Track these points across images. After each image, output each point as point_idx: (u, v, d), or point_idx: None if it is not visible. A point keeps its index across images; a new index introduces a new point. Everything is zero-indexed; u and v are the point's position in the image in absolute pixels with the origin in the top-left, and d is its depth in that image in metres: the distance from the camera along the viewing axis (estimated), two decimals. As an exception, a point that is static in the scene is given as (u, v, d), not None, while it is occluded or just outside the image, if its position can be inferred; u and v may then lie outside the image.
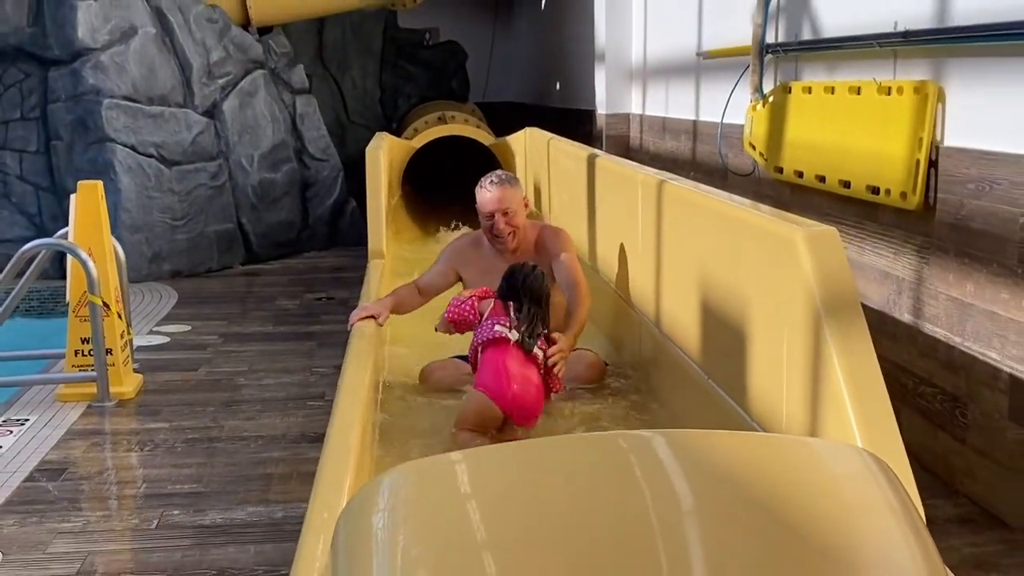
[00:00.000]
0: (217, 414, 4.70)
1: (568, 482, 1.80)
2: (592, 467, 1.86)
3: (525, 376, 3.53)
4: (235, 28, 8.59)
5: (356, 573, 1.65)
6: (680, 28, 7.02)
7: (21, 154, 8.00)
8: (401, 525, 1.77)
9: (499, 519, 1.73)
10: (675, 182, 3.65)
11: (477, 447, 2.55)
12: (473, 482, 1.88)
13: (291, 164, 8.94)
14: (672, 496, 1.78)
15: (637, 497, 1.75)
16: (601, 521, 1.69)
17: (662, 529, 1.68)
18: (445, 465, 1.95)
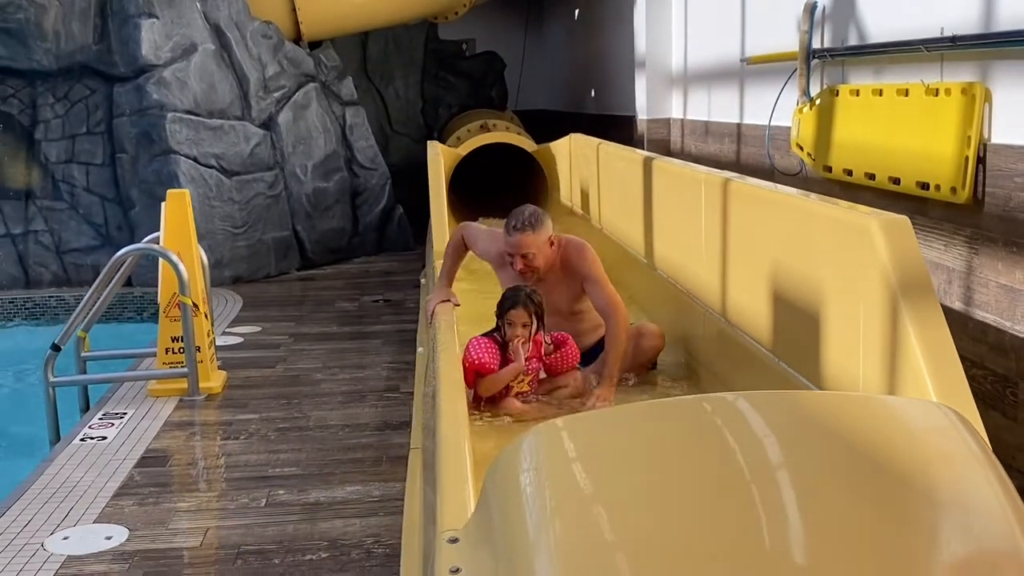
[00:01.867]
0: (302, 406, 5.00)
1: (674, 442, 2.06)
2: (694, 427, 2.12)
3: None
4: (288, 43, 8.93)
5: (510, 522, 1.91)
6: (722, 35, 7.28)
7: (88, 167, 8.36)
8: (544, 480, 2.03)
9: (620, 476, 1.99)
10: (741, 180, 3.92)
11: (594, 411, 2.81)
12: (598, 441, 2.14)
13: (342, 173, 9.26)
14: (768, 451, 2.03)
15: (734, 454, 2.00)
16: (705, 476, 1.94)
17: (760, 482, 1.93)
18: (575, 426, 2.23)
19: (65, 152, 8.34)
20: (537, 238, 4.24)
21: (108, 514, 3.72)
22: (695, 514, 1.82)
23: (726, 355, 4.01)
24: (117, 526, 3.61)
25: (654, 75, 8.89)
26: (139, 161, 8.13)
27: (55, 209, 8.37)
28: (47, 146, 8.33)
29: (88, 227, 8.39)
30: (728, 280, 3.99)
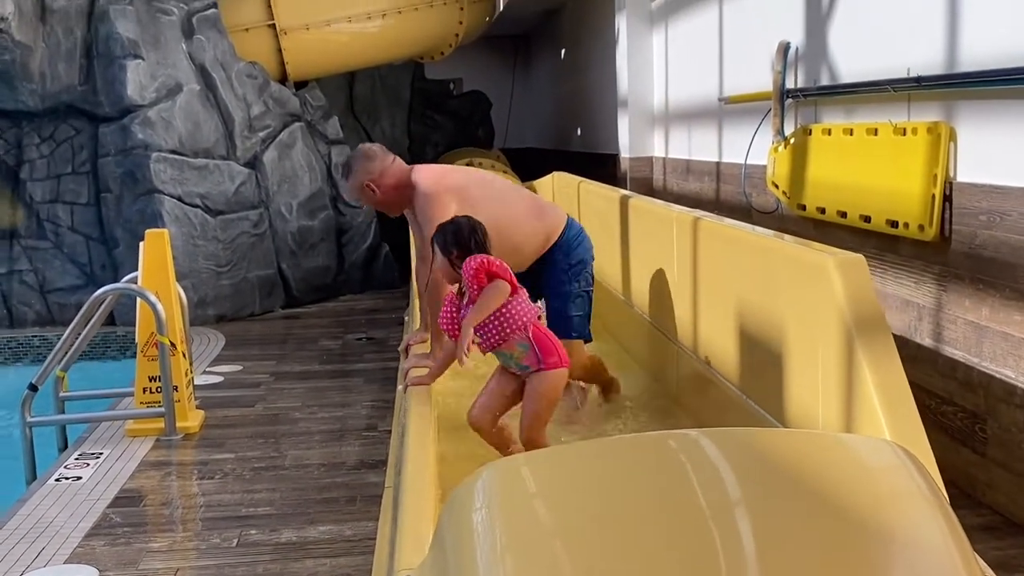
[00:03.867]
0: (279, 445, 5.00)
1: (631, 478, 2.08)
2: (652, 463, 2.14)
3: None
4: (274, 83, 9.01)
5: (462, 559, 1.93)
6: (701, 75, 7.37)
7: (72, 206, 8.39)
8: (497, 517, 2.05)
9: (575, 512, 2.01)
10: (709, 218, 3.96)
11: (557, 446, 2.82)
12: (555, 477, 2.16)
13: (327, 211, 9.31)
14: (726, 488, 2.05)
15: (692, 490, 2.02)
16: (661, 512, 1.96)
17: (717, 519, 1.95)
18: (530, 463, 2.24)
19: (50, 192, 8.38)
20: (350, 186, 4.31)
21: (79, 554, 3.71)
22: (649, 551, 1.83)
23: (696, 391, 4.04)
24: (88, 566, 3.60)
25: (636, 114, 8.99)
26: (124, 200, 8.17)
27: (39, 248, 8.39)
28: (32, 186, 8.37)
29: (72, 266, 8.41)
30: (699, 317, 4.02)
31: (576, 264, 4.41)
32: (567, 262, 4.40)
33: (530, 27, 15.74)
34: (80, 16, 8.16)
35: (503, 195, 4.44)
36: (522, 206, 4.43)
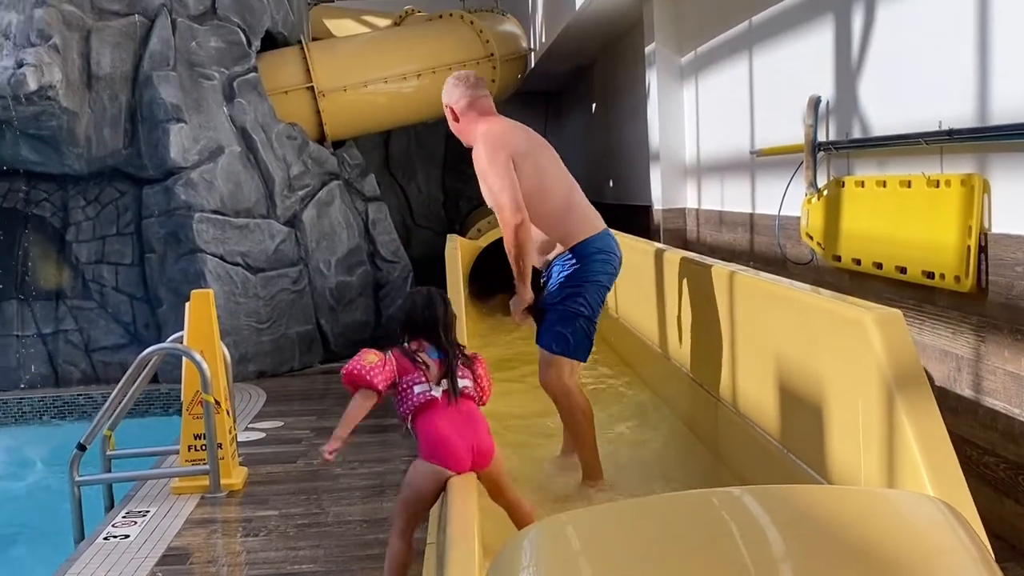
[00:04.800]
0: (320, 501, 5.05)
1: (675, 536, 2.11)
2: (697, 522, 2.17)
3: (470, 426, 3.38)
4: (312, 143, 9.21)
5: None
6: (732, 128, 7.45)
7: (117, 267, 8.58)
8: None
9: (621, 572, 2.03)
10: (746, 272, 4.01)
11: (598, 505, 2.85)
12: (602, 537, 2.19)
13: (365, 267, 9.44)
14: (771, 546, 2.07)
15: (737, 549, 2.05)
16: (706, 571, 1.99)
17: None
18: (575, 521, 2.28)
19: (95, 253, 8.58)
20: (444, 99, 4.54)
21: (128, 613, 3.77)
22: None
23: (736, 444, 4.05)
24: (137, 625, 3.65)
25: (668, 166, 9.08)
26: (167, 260, 8.35)
27: (84, 308, 8.57)
28: (78, 247, 8.57)
29: (116, 326, 8.57)
30: (737, 370, 4.05)
31: (569, 280, 4.33)
32: (562, 274, 4.36)
33: (561, 83, 15.98)
34: (125, 82, 8.41)
35: (547, 184, 4.39)
36: (555, 203, 4.39)
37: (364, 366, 3.38)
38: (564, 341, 4.31)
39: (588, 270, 4.36)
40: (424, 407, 3.38)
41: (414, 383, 3.39)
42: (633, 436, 5.12)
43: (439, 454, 3.33)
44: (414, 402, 3.38)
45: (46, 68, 7.88)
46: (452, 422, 3.35)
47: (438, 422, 3.34)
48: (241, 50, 8.83)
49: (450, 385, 3.39)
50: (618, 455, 4.80)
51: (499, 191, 4.20)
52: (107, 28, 8.37)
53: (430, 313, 3.50)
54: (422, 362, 3.42)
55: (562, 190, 4.47)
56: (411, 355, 3.44)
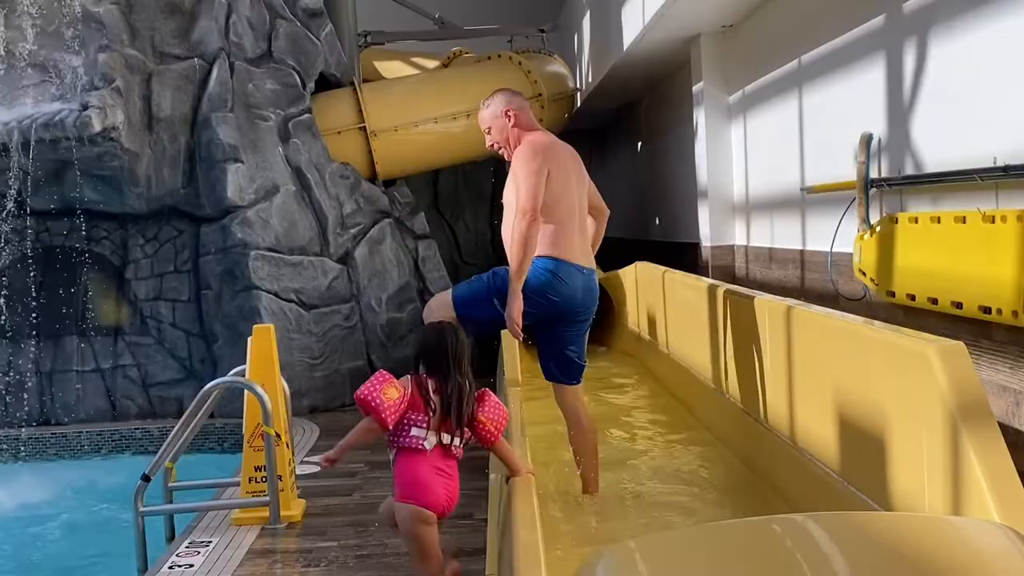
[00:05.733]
0: (378, 533, 5.11)
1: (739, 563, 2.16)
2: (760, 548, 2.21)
3: (446, 479, 3.57)
4: (364, 183, 9.39)
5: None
6: (782, 165, 7.50)
7: (174, 303, 8.77)
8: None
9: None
10: (801, 306, 4.05)
11: (666, 532, 2.89)
12: (670, 563, 2.23)
13: (415, 304, 9.56)
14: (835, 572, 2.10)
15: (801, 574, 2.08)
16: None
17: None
18: (642, 548, 2.33)
19: (153, 289, 8.78)
20: (487, 112, 4.72)
21: (195, 640, 3.85)
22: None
23: (793, 476, 4.07)
24: (204, 652, 3.73)
25: (717, 203, 9.13)
26: (223, 297, 8.52)
27: (142, 344, 8.76)
28: (136, 284, 8.78)
29: (173, 361, 8.75)
30: (794, 404, 4.08)
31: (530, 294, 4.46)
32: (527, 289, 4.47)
33: (606, 122, 16.12)
34: (184, 124, 8.65)
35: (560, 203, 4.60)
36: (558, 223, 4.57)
37: (382, 401, 3.45)
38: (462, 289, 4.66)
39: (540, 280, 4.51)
40: (412, 450, 3.52)
41: (413, 424, 3.51)
42: (687, 468, 5.14)
43: (414, 495, 3.53)
44: (405, 442, 3.52)
45: (109, 110, 8.13)
46: (433, 470, 3.53)
47: (419, 467, 3.52)
48: (296, 92, 9.06)
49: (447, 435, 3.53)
50: (673, 485, 4.83)
51: (524, 190, 4.41)
52: (168, 71, 8.63)
53: (442, 346, 3.59)
54: (432, 406, 3.51)
55: (573, 212, 4.69)
56: (425, 394, 3.52)
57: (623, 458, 5.54)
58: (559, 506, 4.61)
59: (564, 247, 4.57)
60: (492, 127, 4.76)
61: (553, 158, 4.62)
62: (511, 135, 4.73)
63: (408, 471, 3.54)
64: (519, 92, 4.95)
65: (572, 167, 4.77)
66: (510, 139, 4.73)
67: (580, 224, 4.73)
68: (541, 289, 4.51)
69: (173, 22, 8.79)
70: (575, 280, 4.59)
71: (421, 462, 3.52)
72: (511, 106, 4.73)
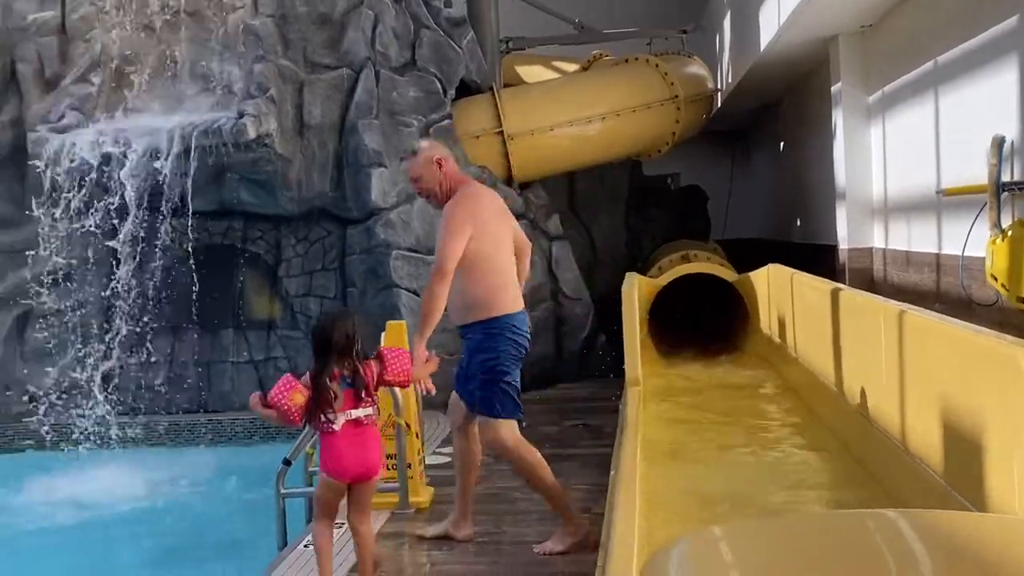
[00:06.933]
0: (500, 522, 5.36)
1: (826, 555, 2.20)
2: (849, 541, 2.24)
3: (362, 448, 4.18)
4: (501, 185, 9.66)
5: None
6: (919, 167, 7.35)
7: (322, 299, 9.27)
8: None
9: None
10: (915, 312, 4.04)
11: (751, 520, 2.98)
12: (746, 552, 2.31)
13: (548, 303, 9.78)
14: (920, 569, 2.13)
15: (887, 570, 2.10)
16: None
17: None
18: (727, 536, 2.41)
19: (303, 286, 9.30)
20: (415, 162, 4.88)
21: (325, 612, 4.16)
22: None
23: (904, 480, 4.07)
24: (332, 623, 4.04)
25: (854, 205, 8.99)
26: (366, 294, 8.95)
27: (292, 338, 9.29)
28: (288, 281, 9.32)
29: (319, 354, 9.22)
30: (905, 407, 4.08)
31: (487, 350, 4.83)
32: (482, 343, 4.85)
33: (748, 122, 15.95)
34: (332, 131, 9.13)
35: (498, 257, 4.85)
36: (497, 278, 4.83)
37: (290, 407, 4.08)
38: (493, 406, 4.81)
39: (503, 340, 4.83)
40: (326, 432, 4.15)
41: (321, 412, 4.11)
42: (803, 468, 5.16)
43: (326, 467, 4.20)
44: (319, 427, 4.17)
45: (264, 118, 8.68)
46: (348, 444, 4.15)
47: (337, 443, 4.15)
48: (437, 99, 9.41)
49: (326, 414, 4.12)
50: (787, 484, 4.87)
51: (445, 248, 4.68)
52: (318, 81, 9.13)
53: (325, 340, 4.16)
54: (333, 393, 4.11)
55: (507, 266, 4.93)
56: (325, 389, 4.10)
57: (741, 455, 5.59)
58: (669, 503, 4.71)
59: (507, 301, 4.87)
60: (422, 175, 4.92)
61: (479, 215, 4.78)
62: (443, 182, 4.87)
63: (324, 449, 4.21)
64: (438, 142, 5.27)
65: (499, 217, 4.95)
66: (441, 186, 4.88)
67: (512, 272, 5.00)
68: (512, 346, 4.86)
69: (323, 33, 9.29)
70: (525, 324, 4.97)
71: (333, 441, 4.15)
72: (437, 154, 4.88)
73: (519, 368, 4.92)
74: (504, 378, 4.82)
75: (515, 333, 4.85)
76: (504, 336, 4.82)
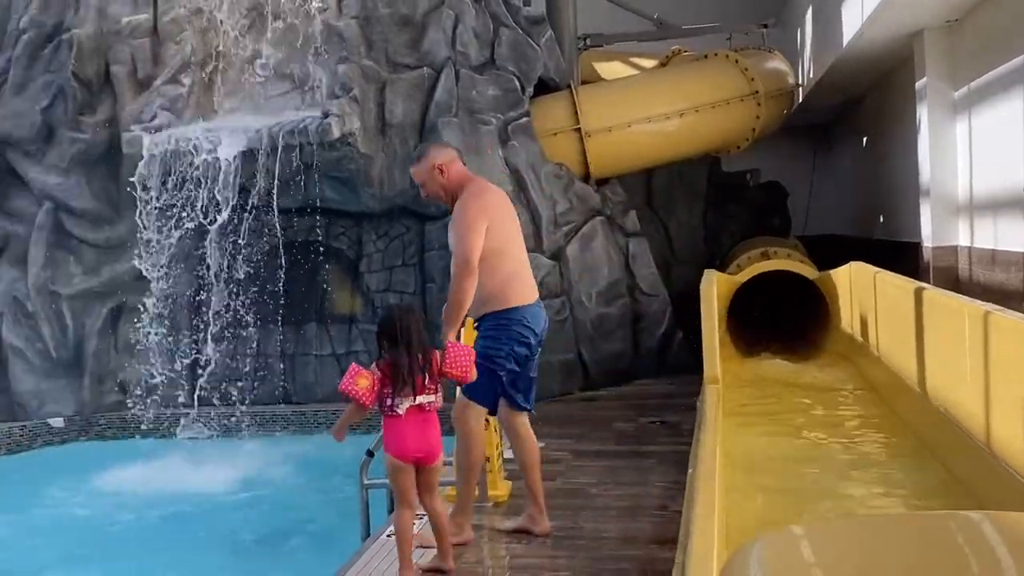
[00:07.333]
0: (577, 517, 5.43)
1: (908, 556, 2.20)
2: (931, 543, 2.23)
3: (424, 432, 4.39)
4: (578, 182, 9.72)
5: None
6: (1006, 163, 7.20)
7: (401, 295, 9.44)
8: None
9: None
10: (1002, 313, 4.00)
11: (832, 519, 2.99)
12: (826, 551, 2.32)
13: (624, 299, 9.80)
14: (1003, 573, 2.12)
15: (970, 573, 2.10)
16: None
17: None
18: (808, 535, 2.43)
19: (383, 282, 9.48)
20: (418, 168, 4.99)
21: (407, 600, 4.29)
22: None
23: (989, 483, 4.04)
24: (414, 611, 4.16)
25: (939, 202, 8.84)
26: (445, 290, 9.05)
27: (373, 332, 9.42)
28: (369, 277, 9.51)
29: (399, 348, 9.40)
30: (990, 408, 4.04)
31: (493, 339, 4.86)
32: (483, 333, 4.91)
33: (829, 117, 15.71)
34: (413, 129, 9.28)
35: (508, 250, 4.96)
36: (508, 269, 4.92)
37: (358, 390, 4.29)
38: (474, 387, 4.77)
39: (510, 333, 4.89)
40: (391, 416, 4.39)
41: (388, 396, 4.35)
42: (885, 469, 5.13)
43: (394, 449, 4.41)
44: (385, 411, 4.40)
45: (347, 118, 8.87)
46: (408, 428, 4.38)
47: (400, 426, 4.38)
48: (516, 96, 9.50)
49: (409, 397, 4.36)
50: (867, 484, 4.86)
51: (464, 244, 4.77)
52: (399, 80, 9.29)
53: (391, 328, 4.42)
54: (402, 380, 4.33)
55: (520, 259, 5.06)
56: (394, 373, 4.34)
57: (820, 454, 5.58)
58: (748, 501, 4.74)
59: (520, 293, 4.95)
60: (425, 181, 5.04)
61: (491, 210, 4.91)
62: (446, 185, 4.99)
63: (389, 432, 4.42)
64: (445, 144, 5.41)
65: (507, 211, 5.08)
66: (445, 189, 5.00)
67: (526, 264, 5.12)
68: (518, 341, 4.91)
69: (405, 34, 9.44)
70: (538, 318, 5.01)
71: (397, 424, 4.38)
72: (440, 160, 4.97)
73: (524, 362, 5.00)
74: (495, 368, 4.87)
75: (524, 326, 4.93)
76: (512, 329, 4.90)
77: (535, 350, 5.04)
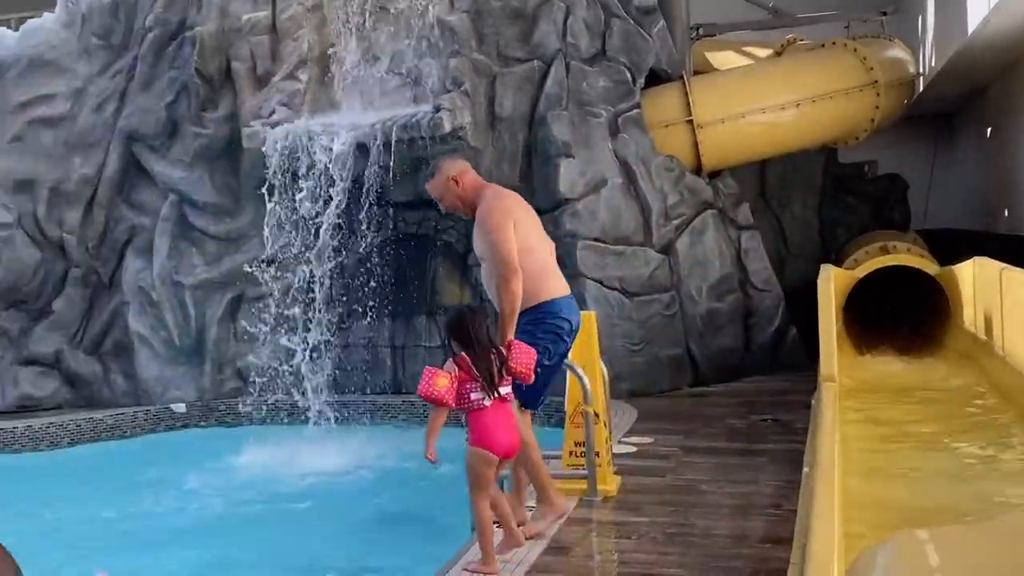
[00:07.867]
0: (687, 514, 5.38)
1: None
2: None
3: (508, 424, 4.50)
4: (688, 174, 9.60)
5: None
6: None
7: (510, 287, 9.47)
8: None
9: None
10: None
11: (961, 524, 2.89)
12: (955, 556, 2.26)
13: (735, 294, 9.65)
14: None
15: None
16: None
17: None
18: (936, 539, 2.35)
19: (491, 275, 9.53)
20: (433, 183, 5.14)
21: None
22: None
23: None
24: (525, 603, 4.19)
25: (1072, 196, 8.42)
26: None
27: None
28: (476, 270, 9.54)
29: (507, 341, 9.46)
30: None
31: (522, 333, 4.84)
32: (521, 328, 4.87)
33: (951, 107, 15.15)
34: (523, 122, 9.31)
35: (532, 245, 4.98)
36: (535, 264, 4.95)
37: (439, 391, 4.37)
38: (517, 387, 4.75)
39: (544, 325, 4.95)
40: (477, 410, 4.46)
41: (471, 391, 4.44)
42: (1014, 472, 4.94)
43: (485, 442, 4.45)
44: (471, 406, 4.46)
45: (458, 112, 8.96)
46: (496, 420, 4.47)
47: (487, 420, 4.46)
48: (627, 88, 9.44)
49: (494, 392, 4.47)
50: (996, 485, 4.69)
51: (500, 250, 4.81)
52: (510, 74, 9.33)
53: (463, 328, 4.46)
54: (478, 376, 4.41)
55: (548, 254, 5.12)
56: (472, 370, 4.41)
57: (942, 456, 5.41)
58: (865, 503, 4.62)
59: (552, 287, 5.02)
60: (442, 195, 5.13)
61: (513, 211, 4.97)
62: (463, 196, 5.09)
63: (478, 425, 4.48)
64: (456, 157, 5.67)
65: (527, 209, 5.14)
66: (463, 200, 5.10)
67: (553, 259, 5.17)
68: (554, 333, 4.97)
69: (516, 27, 9.47)
70: (572, 311, 5.08)
71: (483, 417, 4.47)
72: (453, 172, 5.10)
73: (557, 354, 5.04)
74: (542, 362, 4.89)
75: (559, 317, 5.01)
76: (546, 322, 4.97)
77: (569, 343, 5.13)
